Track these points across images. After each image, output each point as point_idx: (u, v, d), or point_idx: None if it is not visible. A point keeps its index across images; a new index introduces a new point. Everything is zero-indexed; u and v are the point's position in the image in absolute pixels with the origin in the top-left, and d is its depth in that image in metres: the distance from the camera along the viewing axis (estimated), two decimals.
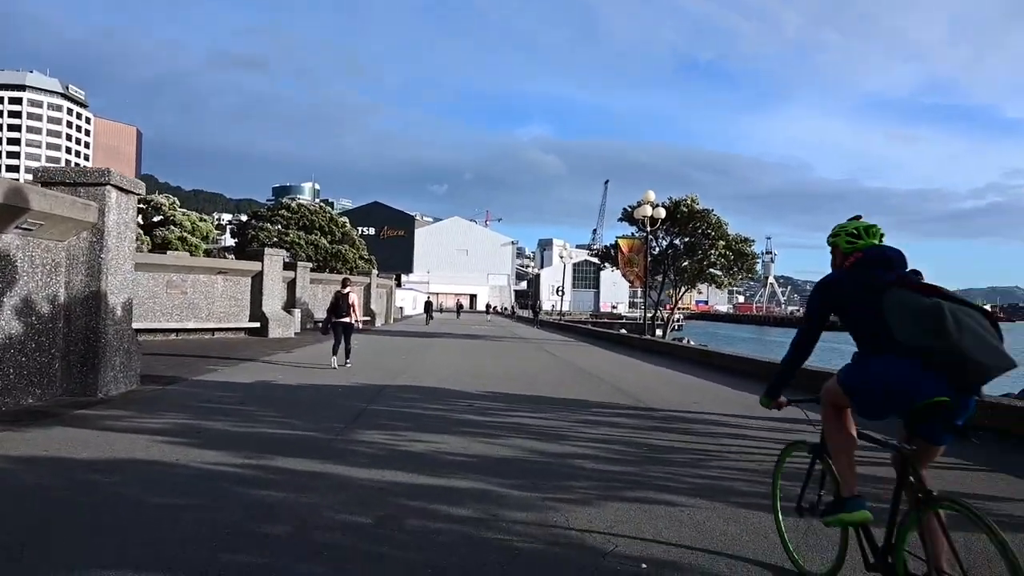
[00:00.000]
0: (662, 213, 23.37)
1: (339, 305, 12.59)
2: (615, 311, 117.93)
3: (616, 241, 24.97)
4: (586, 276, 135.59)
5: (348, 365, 12.55)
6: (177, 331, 19.14)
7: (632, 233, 26.24)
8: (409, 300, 63.44)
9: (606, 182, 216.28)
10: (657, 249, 25.90)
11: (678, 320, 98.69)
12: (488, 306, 77.47)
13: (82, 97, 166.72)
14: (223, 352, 15.30)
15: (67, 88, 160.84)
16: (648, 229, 23.09)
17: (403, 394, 9.53)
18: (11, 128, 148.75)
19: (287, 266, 31.42)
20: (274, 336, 21.18)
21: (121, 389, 8.60)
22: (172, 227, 55.53)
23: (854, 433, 2.94)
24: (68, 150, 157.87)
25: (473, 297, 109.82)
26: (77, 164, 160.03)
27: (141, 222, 57.62)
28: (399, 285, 72.40)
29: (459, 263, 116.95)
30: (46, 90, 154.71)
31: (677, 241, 27.13)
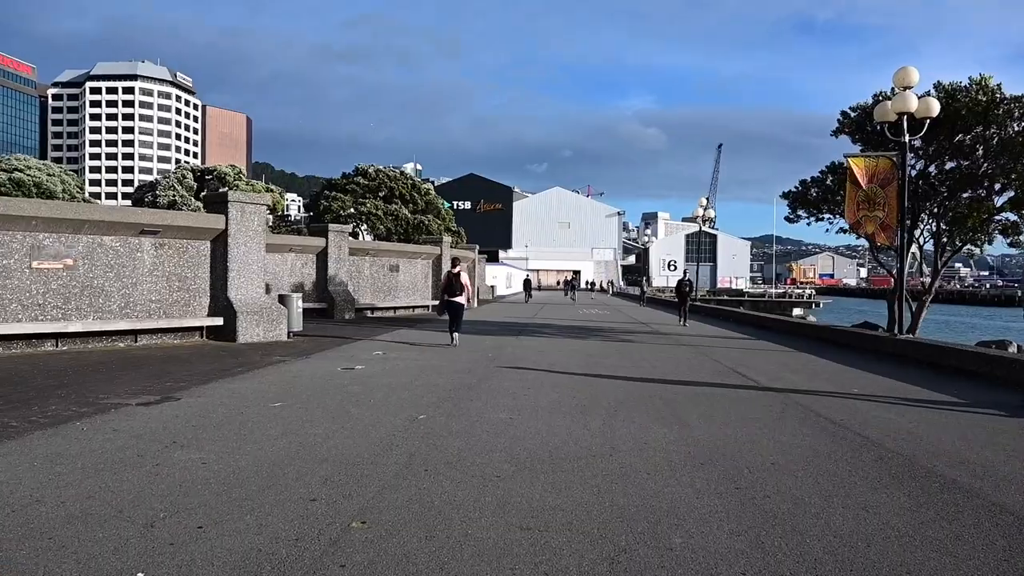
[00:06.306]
0: (934, 108, 12.49)
1: (451, 284, 12.72)
2: (735, 287, 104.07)
3: (846, 160, 13.48)
4: (700, 249, 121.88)
5: (455, 344, 12.26)
6: (58, 337, 10.74)
7: (859, 152, 15.17)
8: (503, 277, 54.31)
9: (719, 146, 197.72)
10: (911, 175, 14.42)
11: (812, 299, 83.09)
12: (591, 283, 67.15)
13: (190, 84, 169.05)
14: (73, 391, 6.54)
15: (175, 76, 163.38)
16: (906, 139, 12.35)
17: None
18: (125, 118, 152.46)
19: (315, 231, 22.73)
20: (247, 340, 12.48)
21: None
22: None
23: None
24: (178, 136, 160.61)
25: (577, 273, 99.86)
26: (187, 151, 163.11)
27: (206, 193, 51.91)
28: (492, 260, 63.62)
29: (561, 237, 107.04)
30: (155, 78, 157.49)
31: (932, 168, 15.68)
